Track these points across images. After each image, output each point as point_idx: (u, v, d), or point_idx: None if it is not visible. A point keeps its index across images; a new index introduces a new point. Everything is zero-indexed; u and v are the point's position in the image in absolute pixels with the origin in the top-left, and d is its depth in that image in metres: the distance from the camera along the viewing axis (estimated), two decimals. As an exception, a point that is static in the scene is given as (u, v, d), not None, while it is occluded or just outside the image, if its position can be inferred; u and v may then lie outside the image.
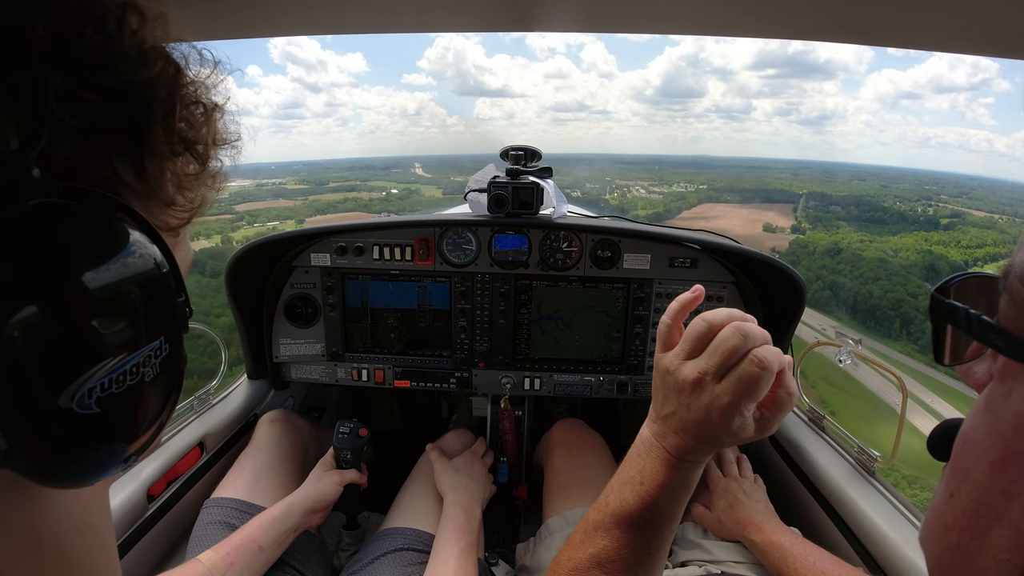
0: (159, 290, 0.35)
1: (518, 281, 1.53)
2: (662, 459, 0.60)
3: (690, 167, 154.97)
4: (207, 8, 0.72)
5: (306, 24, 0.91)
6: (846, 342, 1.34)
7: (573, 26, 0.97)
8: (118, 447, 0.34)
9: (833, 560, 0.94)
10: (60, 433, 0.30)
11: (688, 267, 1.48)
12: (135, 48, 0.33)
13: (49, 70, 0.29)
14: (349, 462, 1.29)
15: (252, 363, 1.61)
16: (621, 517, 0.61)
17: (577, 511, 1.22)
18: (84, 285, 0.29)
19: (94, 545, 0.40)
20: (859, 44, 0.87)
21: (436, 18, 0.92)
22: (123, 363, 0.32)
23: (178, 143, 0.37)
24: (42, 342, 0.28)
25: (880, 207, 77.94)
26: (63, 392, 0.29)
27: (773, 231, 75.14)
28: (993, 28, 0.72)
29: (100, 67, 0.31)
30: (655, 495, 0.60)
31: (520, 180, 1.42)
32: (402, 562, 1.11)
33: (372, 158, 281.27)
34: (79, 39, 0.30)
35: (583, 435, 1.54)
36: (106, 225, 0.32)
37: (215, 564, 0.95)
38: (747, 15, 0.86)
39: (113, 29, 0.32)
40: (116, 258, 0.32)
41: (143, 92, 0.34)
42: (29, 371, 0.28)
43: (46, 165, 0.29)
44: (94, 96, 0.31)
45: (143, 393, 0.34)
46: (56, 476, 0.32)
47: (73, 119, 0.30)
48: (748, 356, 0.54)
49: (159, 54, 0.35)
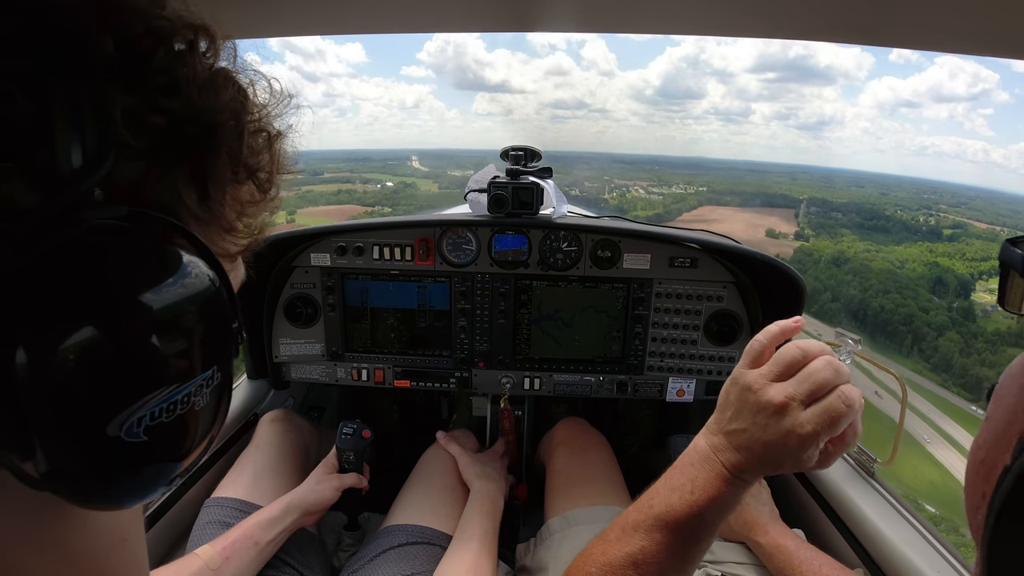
0: (215, 318, 0.34)
1: (518, 281, 1.53)
2: (717, 472, 0.60)
3: (688, 168, 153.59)
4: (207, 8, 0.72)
5: (305, 24, 0.91)
6: (846, 342, 1.34)
7: (573, 26, 0.97)
8: (162, 473, 0.33)
9: (837, 566, 0.94)
10: (105, 461, 0.29)
11: (688, 267, 1.48)
12: (204, 72, 0.33)
13: (116, 90, 0.28)
14: (351, 463, 1.29)
15: (252, 363, 1.61)
16: (664, 522, 0.61)
17: (579, 511, 1.22)
18: (140, 312, 0.29)
19: (129, 561, 0.40)
20: (859, 44, 0.87)
21: (436, 18, 0.92)
22: (176, 392, 0.31)
23: (242, 170, 0.37)
24: (95, 369, 0.27)
25: (882, 215, 76.12)
26: (112, 420, 0.28)
27: (776, 237, 72.23)
28: (993, 28, 0.72)
29: (169, 90, 0.30)
30: (703, 506, 0.60)
31: (520, 180, 1.42)
32: (404, 557, 1.10)
33: (369, 150, 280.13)
34: (149, 60, 0.30)
35: (586, 434, 1.54)
36: (166, 250, 0.31)
37: (211, 558, 0.95)
38: (747, 15, 0.86)
39: (184, 52, 0.31)
40: (173, 285, 0.31)
41: (211, 118, 0.33)
42: (79, 398, 0.27)
43: (110, 187, 0.29)
44: (161, 120, 0.30)
45: (192, 422, 0.33)
46: (95, 500, 0.31)
47: (139, 142, 0.29)
48: (837, 391, 0.55)
49: (228, 79, 0.35)
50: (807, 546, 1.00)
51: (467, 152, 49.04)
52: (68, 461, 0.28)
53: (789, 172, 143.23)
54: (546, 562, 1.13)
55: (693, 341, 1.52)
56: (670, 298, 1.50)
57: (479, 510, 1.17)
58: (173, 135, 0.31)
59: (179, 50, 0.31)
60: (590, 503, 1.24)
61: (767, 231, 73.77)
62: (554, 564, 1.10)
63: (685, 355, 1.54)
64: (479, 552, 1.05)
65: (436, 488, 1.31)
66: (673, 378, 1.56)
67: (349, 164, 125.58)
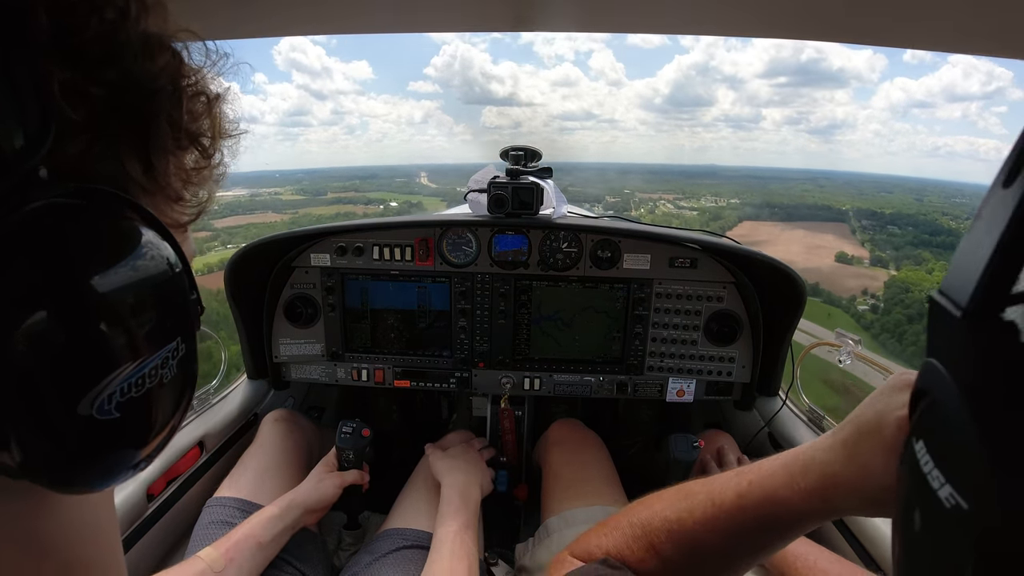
0: (174, 289, 0.34)
1: (518, 281, 1.53)
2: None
3: (705, 177, 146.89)
4: (203, 6, 0.72)
5: (305, 23, 0.91)
6: (846, 342, 1.34)
7: (574, 25, 0.97)
8: (135, 451, 0.33)
9: (833, 558, 0.95)
10: (79, 441, 0.29)
11: (688, 267, 1.48)
12: (139, 39, 0.31)
13: (53, 63, 0.27)
14: (351, 462, 1.29)
15: (252, 363, 1.61)
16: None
17: (576, 511, 1.22)
18: (98, 288, 0.28)
19: (106, 552, 0.40)
20: (862, 44, 0.86)
21: (435, 18, 0.92)
22: (142, 367, 0.31)
23: (184, 137, 0.36)
24: (59, 351, 0.27)
25: (943, 228, 61.73)
26: (82, 400, 0.28)
27: (850, 262, 55.86)
28: (993, 28, 0.71)
29: (105, 59, 0.30)
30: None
31: (520, 180, 1.42)
32: (403, 561, 1.10)
33: (377, 166, 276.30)
34: (84, 30, 0.28)
35: (580, 435, 1.54)
36: (119, 225, 0.31)
37: (214, 560, 0.95)
38: (750, 14, 0.86)
39: (117, 19, 0.30)
40: (131, 258, 0.31)
41: (149, 84, 0.32)
42: (44, 381, 0.27)
43: (53, 164, 0.28)
44: (100, 91, 0.29)
45: (161, 395, 0.33)
46: (72, 483, 0.31)
47: (79, 115, 0.29)
48: None
49: (162, 44, 0.34)
50: (802, 540, 1.00)
51: (477, 167, 48.44)
52: (41, 445, 0.28)
53: (811, 178, 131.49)
54: (545, 562, 1.13)
55: (693, 341, 1.52)
56: (670, 298, 1.50)
57: (447, 508, 1.15)
58: (112, 105, 0.31)
59: (111, 18, 0.30)
60: (586, 503, 1.24)
61: (837, 255, 58.41)
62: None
63: (685, 355, 1.54)
64: (449, 559, 1.02)
65: (435, 491, 1.31)
66: (673, 378, 1.56)
67: (355, 182, 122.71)
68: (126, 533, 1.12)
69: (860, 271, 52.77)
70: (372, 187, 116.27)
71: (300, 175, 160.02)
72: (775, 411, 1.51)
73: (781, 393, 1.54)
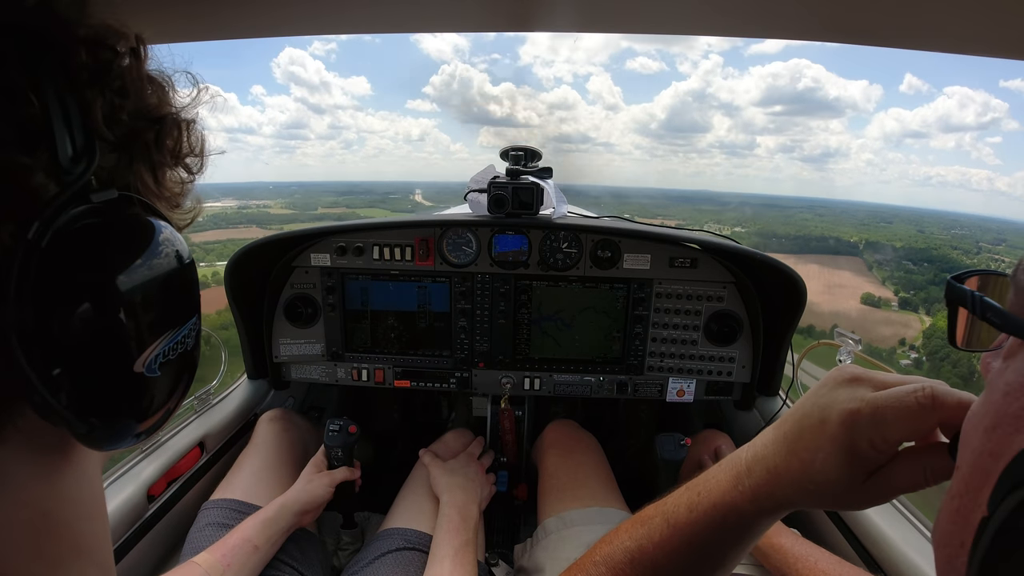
0: (192, 273, 0.42)
1: (518, 281, 1.53)
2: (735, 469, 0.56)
3: (702, 202, 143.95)
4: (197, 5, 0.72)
5: (301, 23, 0.90)
6: (846, 342, 1.34)
7: (573, 26, 0.96)
8: (162, 409, 0.39)
9: (834, 560, 0.95)
10: (128, 393, 0.35)
11: (688, 267, 1.48)
12: (146, 75, 0.39)
13: (94, 93, 0.34)
14: (340, 459, 1.29)
15: (252, 363, 1.61)
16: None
17: (573, 512, 1.22)
18: (155, 269, 0.36)
19: (100, 535, 0.43)
20: (862, 45, 0.86)
21: (434, 18, 0.92)
22: (178, 333, 0.39)
23: (177, 156, 0.44)
24: (128, 313, 0.34)
25: (958, 264, 51.49)
26: (138, 358, 0.35)
27: (877, 304, 49.75)
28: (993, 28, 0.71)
29: (123, 92, 0.37)
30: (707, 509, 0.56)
31: (520, 180, 1.42)
32: (402, 562, 1.11)
33: (372, 182, 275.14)
34: (110, 67, 0.36)
35: (575, 436, 1.54)
36: (153, 222, 0.38)
37: (212, 566, 0.95)
38: (747, 14, 0.86)
39: (132, 60, 0.38)
40: (166, 247, 0.38)
41: (155, 112, 0.40)
42: (115, 337, 0.33)
43: (96, 176, 0.34)
44: (125, 116, 0.37)
45: (187, 360, 0.41)
46: (104, 434, 0.35)
47: (114, 135, 0.36)
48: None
49: (161, 78, 0.41)
50: (803, 542, 1.00)
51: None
52: (98, 393, 0.34)
53: (808, 206, 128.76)
54: (543, 562, 1.13)
55: (693, 341, 1.52)
56: (670, 298, 1.50)
57: (447, 527, 1.14)
58: (132, 129, 0.38)
59: (129, 60, 0.37)
60: (582, 505, 1.24)
61: (863, 297, 52.47)
62: (550, 564, 1.10)
63: (685, 355, 1.53)
64: (451, 571, 1.02)
65: (432, 492, 1.31)
66: (673, 378, 1.56)
67: (347, 198, 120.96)
68: (127, 534, 1.11)
69: (890, 316, 48.43)
70: (363, 203, 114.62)
71: (294, 188, 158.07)
72: (775, 411, 1.51)
73: (781, 393, 1.54)
